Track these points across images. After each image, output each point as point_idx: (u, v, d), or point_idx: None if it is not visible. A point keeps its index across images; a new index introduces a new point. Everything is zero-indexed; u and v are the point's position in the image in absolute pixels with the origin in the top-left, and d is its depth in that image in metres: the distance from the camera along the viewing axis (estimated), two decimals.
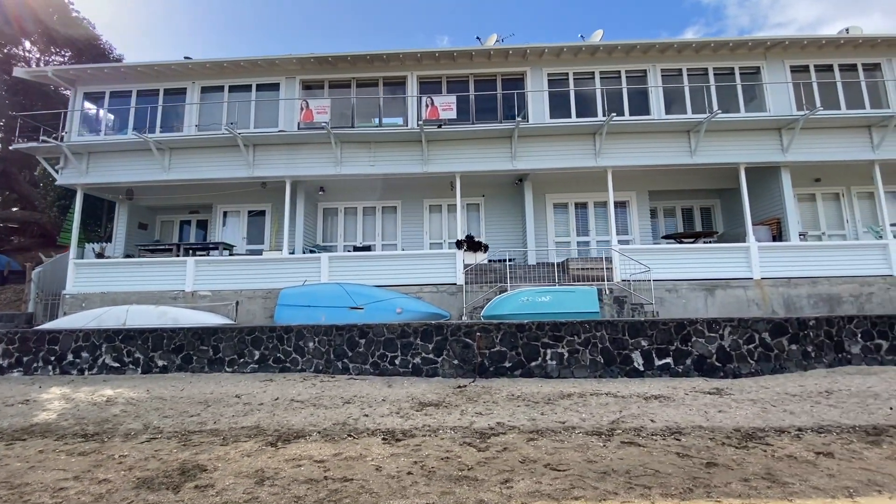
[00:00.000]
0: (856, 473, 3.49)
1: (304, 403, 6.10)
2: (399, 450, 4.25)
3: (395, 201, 13.01)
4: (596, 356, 7.53)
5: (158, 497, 3.38)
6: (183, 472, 3.85)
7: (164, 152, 11.09)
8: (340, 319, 9.61)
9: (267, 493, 3.40)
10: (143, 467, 3.99)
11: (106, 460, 4.17)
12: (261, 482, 3.60)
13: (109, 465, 4.06)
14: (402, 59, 11.44)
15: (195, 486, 3.57)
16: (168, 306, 10.47)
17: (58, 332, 8.83)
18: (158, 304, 10.78)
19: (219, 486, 3.56)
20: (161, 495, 3.42)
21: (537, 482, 3.46)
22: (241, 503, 3.25)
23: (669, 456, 3.94)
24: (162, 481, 3.67)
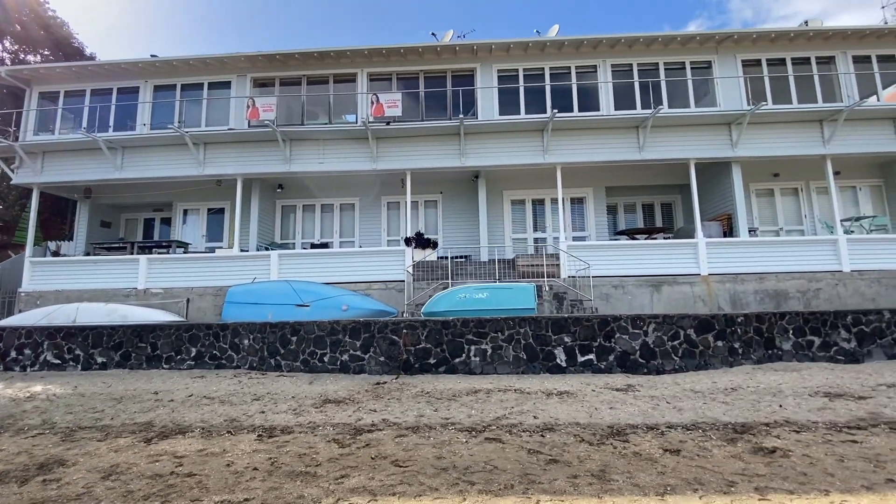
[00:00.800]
0: (687, 471, 3.52)
1: (213, 400, 6.19)
2: (265, 446, 4.32)
3: (353, 198, 13.06)
4: (519, 352, 7.57)
5: (1, 489, 3.48)
6: (42, 467, 3.94)
7: (115, 151, 11.20)
8: (287, 317, 9.67)
9: (104, 487, 3.48)
10: (9, 461, 4.09)
11: None
12: (107, 476, 3.68)
13: None
14: (352, 56, 11.45)
15: (43, 479, 3.66)
16: (119, 304, 10.62)
17: (1, 329, 8.98)
18: (111, 301, 10.95)
19: (65, 480, 3.65)
20: (5, 487, 3.52)
21: (370, 478, 3.51)
22: (73, 496, 3.34)
23: (520, 453, 3.98)
24: (15, 475, 3.77)
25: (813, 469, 3.47)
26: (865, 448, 3.89)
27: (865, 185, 12.49)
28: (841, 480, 3.25)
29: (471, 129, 10.74)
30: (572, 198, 12.97)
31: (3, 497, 3.35)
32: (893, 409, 4.99)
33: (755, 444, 4.03)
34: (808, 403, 5.32)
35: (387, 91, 11.14)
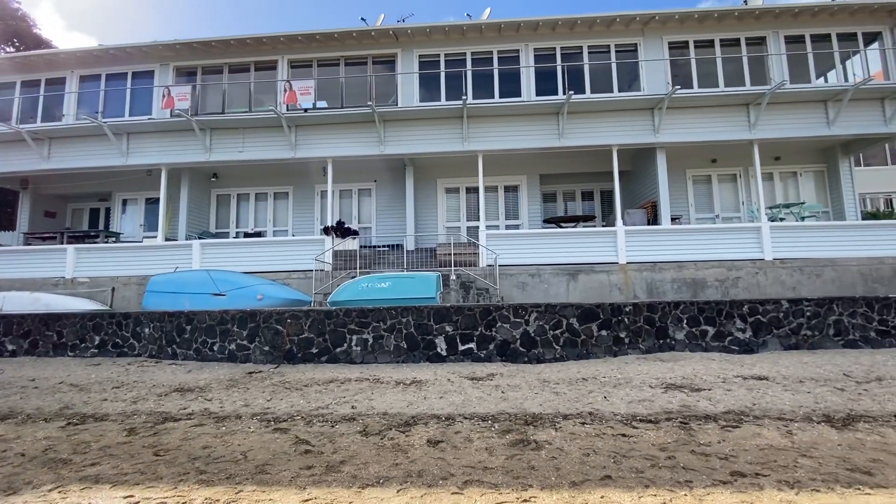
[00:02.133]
0: (432, 463, 3.53)
1: (74, 388, 6.32)
2: (59, 433, 4.42)
3: (287, 187, 13.05)
4: (400, 342, 7.59)
5: None
6: None
7: (42, 143, 11.29)
8: (203, 306, 9.78)
9: None
10: None
11: None
12: None
13: None
14: (271, 43, 11.31)
15: None
16: (44, 293, 10.83)
17: None
18: (40, 290, 11.16)
19: None
20: None
21: (114, 466, 3.58)
22: None
23: (288, 443, 4.02)
24: None
25: (549, 463, 3.46)
26: (627, 442, 3.86)
27: (807, 171, 12.16)
28: (560, 475, 3.24)
29: (389, 115, 10.62)
30: (506, 185, 12.82)
31: None
32: (711, 402, 4.93)
33: (523, 437, 4.01)
34: (636, 394, 5.28)
35: (307, 78, 11.02)
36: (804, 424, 4.18)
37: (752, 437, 3.90)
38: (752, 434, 3.93)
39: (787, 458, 3.44)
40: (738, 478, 3.11)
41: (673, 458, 3.47)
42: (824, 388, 5.35)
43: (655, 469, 3.29)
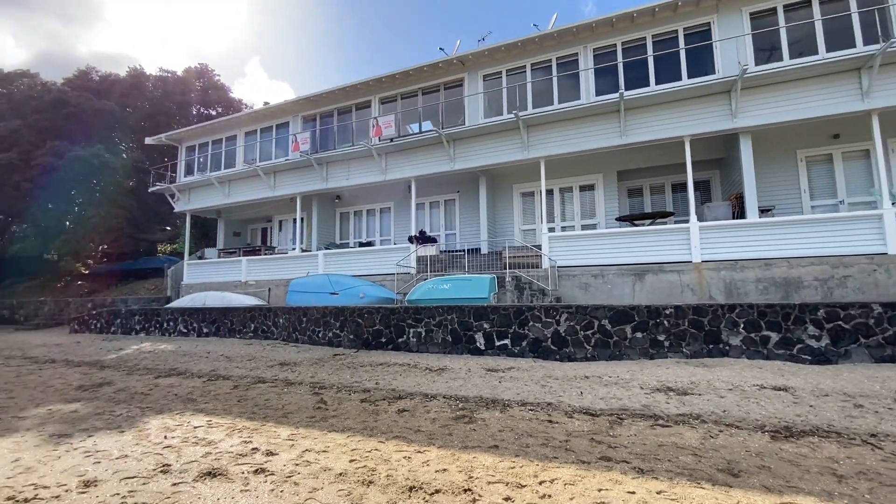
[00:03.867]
0: (383, 423, 4.83)
1: (227, 358, 9.29)
2: (204, 385, 6.98)
3: (389, 202, 15.43)
4: (446, 336, 8.87)
5: (86, 392, 6.86)
6: (102, 385, 7.34)
7: (224, 184, 15.82)
8: (324, 302, 12.67)
9: (133, 392, 6.55)
10: (102, 380, 7.64)
11: (96, 371, 8.02)
12: (141, 391, 6.79)
13: (95, 374, 7.85)
14: (365, 86, 13.66)
15: (115, 391, 6.97)
16: (228, 292, 15.20)
17: (161, 310, 14.13)
18: (227, 290, 15.67)
19: (121, 386, 6.88)
20: (88, 395, 6.90)
21: (214, 405, 5.78)
22: (134, 392, 6.47)
23: (313, 401, 5.74)
24: (87, 385, 7.20)
25: (468, 431, 4.42)
26: (546, 426, 4.51)
27: None
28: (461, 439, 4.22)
29: (456, 135, 11.91)
30: (581, 185, 12.87)
31: (89, 389, 6.68)
32: (680, 405, 5.01)
33: (468, 414, 4.96)
34: (615, 392, 5.59)
35: (392, 112, 13.06)
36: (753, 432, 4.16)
37: (669, 435, 4.14)
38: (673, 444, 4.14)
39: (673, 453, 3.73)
40: (603, 461, 3.63)
41: (567, 442, 4.07)
42: (844, 402, 4.82)
43: (542, 447, 3.98)
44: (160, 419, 5.18)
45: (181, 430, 4.75)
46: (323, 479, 3.44)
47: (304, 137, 13.75)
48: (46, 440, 4.55)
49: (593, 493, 3.08)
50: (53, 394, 6.69)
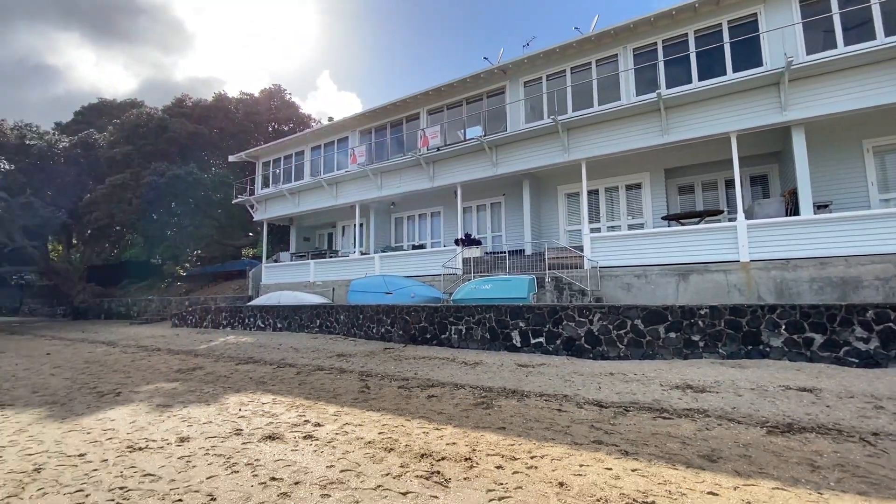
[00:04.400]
0: (412, 405, 5.58)
1: (295, 349, 10.62)
2: (274, 371, 8.21)
3: (439, 207, 16.27)
4: (484, 333, 9.45)
5: (183, 374, 8.40)
6: (195, 370, 8.85)
7: (294, 195, 17.61)
8: (380, 301, 13.81)
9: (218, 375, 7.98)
10: (195, 365, 9.21)
11: (190, 358, 9.65)
12: (223, 375, 8.22)
13: (190, 361, 9.47)
14: (414, 100, 14.58)
15: (204, 374, 8.47)
16: (299, 291, 16.91)
17: (243, 307, 16.12)
18: (298, 290, 17.42)
19: (209, 370, 8.36)
20: (184, 377, 8.44)
21: (279, 388, 6.90)
22: (220, 375, 7.92)
23: (358, 385, 6.63)
24: (184, 369, 8.74)
25: (484, 415, 5.04)
26: (555, 414, 4.98)
27: None
28: (476, 421, 4.85)
29: (498, 141, 12.42)
30: (627, 184, 12.78)
31: (185, 372, 8.20)
32: (691, 400, 5.22)
33: (487, 402, 5.55)
34: (634, 388, 5.87)
35: (438, 122, 13.85)
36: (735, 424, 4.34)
37: (667, 426, 4.45)
38: (666, 433, 4.45)
39: (662, 440, 4.07)
40: (595, 444, 4.08)
41: (568, 427, 4.54)
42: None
43: (544, 430, 4.49)
44: (237, 396, 6.36)
45: (252, 405, 5.85)
46: (354, 445, 4.25)
47: (361, 150, 15.01)
48: (154, 409, 5.85)
49: (574, 468, 3.57)
50: (159, 375, 8.27)
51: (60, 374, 8.77)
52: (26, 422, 5.49)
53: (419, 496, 3.18)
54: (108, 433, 4.88)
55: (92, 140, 23.57)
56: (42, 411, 5.98)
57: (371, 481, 3.45)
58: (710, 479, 3.31)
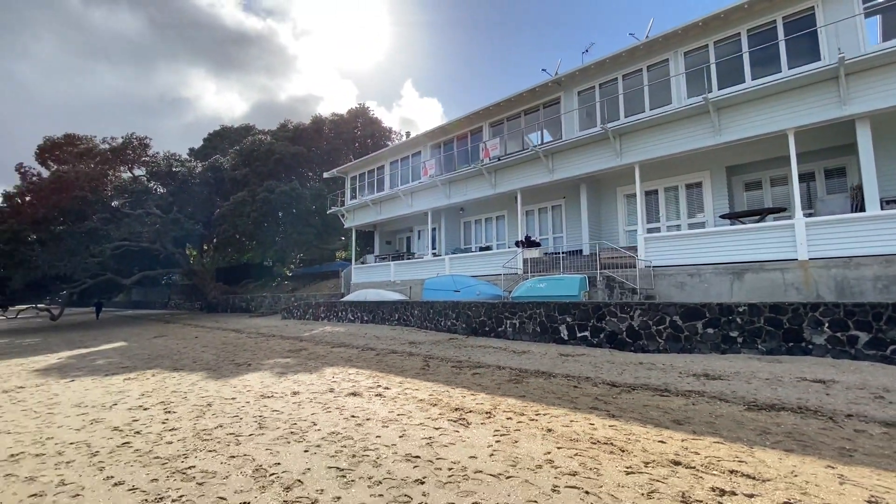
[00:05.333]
0: (465, 380, 7.00)
1: (377, 338, 12.61)
2: (359, 353, 10.17)
3: (503, 211, 17.44)
4: (535, 327, 10.52)
5: (292, 353, 10.75)
6: (301, 350, 11.18)
7: (377, 205, 19.97)
8: (449, 298, 15.48)
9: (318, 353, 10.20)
10: (294, 345, 11.59)
11: (297, 342, 12.09)
12: (324, 355, 10.44)
13: (297, 344, 11.89)
14: (476, 116, 15.89)
15: (308, 353, 10.78)
16: (382, 289, 19.21)
17: (337, 303, 18.80)
18: (381, 288, 19.75)
19: (311, 351, 10.63)
20: (293, 355, 10.79)
21: (362, 363, 8.75)
22: (316, 355, 10.18)
23: (421, 363, 8.21)
24: (293, 350, 11.09)
25: (515, 387, 6.30)
26: (572, 389, 6.06)
27: None
28: (512, 392, 6.13)
29: (553, 149, 13.29)
30: (687, 184, 12.86)
31: (294, 352, 10.54)
32: (688, 385, 5.93)
33: (519, 379, 6.76)
34: (650, 374, 6.66)
35: (499, 134, 15.02)
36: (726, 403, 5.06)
37: (660, 401, 5.33)
38: (655, 405, 5.31)
39: (647, 410, 5.00)
40: (590, 409, 5.15)
41: (576, 399, 5.63)
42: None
43: (556, 398, 5.63)
44: (331, 369, 8.31)
45: (341, 374, 7.71)
46: (410, 400, 5.80)
47: (431, 163, 16.77)
48: (274, 375, 7.98)
49: (565, 422, 4.73)
50: (275, 353, 10.67)
51: (208, 351, 11.66)
52: (195, 379, 7.93)
53: (446, 430, 4.60)
54: (247, 387, 7.02)
55: (218, 164, 28.55)
56: (203, 374, 8.46)
57: (416, 420, 4.95)
58: (667, 434, 4.27)
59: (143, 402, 6.46)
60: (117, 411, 5.99)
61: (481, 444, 4.18)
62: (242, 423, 5.12)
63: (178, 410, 5.83)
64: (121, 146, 26.41)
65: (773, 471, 3.38)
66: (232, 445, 4.40)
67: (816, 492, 3.04)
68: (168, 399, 6.53)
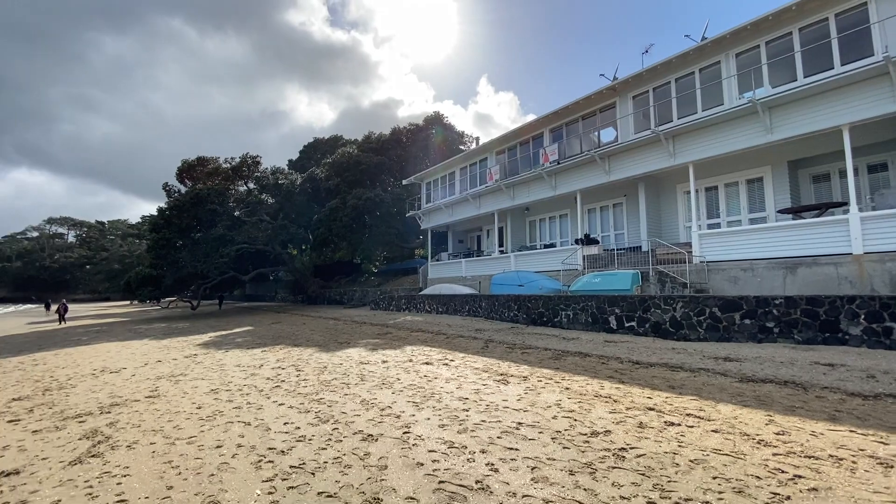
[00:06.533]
0: (529, 358, 8.65)
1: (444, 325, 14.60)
2: (431, 336, 12.21)
3: (566, 210, 18.46)
4: (587, 318, 11.70)
5: (380, 336, 13.15)
6: (387, 334, 13.52)
7: (449, 207, 22.01)
8: (514, 292, 17.05)
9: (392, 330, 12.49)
10: (381, 329, 13.97)
11: (384, 327, 14.52)
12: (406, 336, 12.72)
13: (384, 329, 14.32)
14: (538, 123, 17.06)
15: (392, 336, 13.12)
16: (454, 284, 21.23)
17: (415, 295, 21.20)
18: (454, 283, 21.79)
19: (394, 335, 12.94)
20: (381, 337, 13.18)
21: (428, 342, 10.74)
22: (400, 336, 12.50)
23: (481, 344, 9.95)
24: (380, 333, 13.47)
25: (558, 362, 7.81)
26: (599, 364, 7.41)
27: None
28: (553, 367, 7.68)
29: (609, 152, 14.15)
30: (748, 179, 13.01)
31: (381, 335, 12.93)
32: (702, 364, 6.94)
33: (560, 356, 8.21)
34: (672, 355, 7.71)
35: (559, 139, 16.11)
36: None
37: (666, 374, 6.51)
38: (661, 377, 6.49)
39: (651, 379, 6.25)
40: (605, 377, 6.53)
41: (598, 371, 6.99)
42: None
43: (582, 371, 7.05)
44: (410, 347, 10.40)
45: (418, 350, 9.75)
46: (468, 368, 7.60)
47: (496, 169, 18.34)
48: (367, 350, 10.25)
49: (581, 384, 6.19)
50: (367, 335, 13.11)
51: (315, 333, 14.50)
52: (311, 352, 10.49)
53: (490, 386, 6.32)
54: (349, 358, 9.33)
55: (314, 175, 32.77)
56: (315, 348, 11.04)
57: (469, 380, 6.74)
58: (656, 393, 5.57)
59: (279, 364, 9.04)
60: (264, 369, 8.57)
61: (513, 394, 5.84)
62: (349, 377, 7.30)
63: (305, 370, 8.24)
64: (238, 164, 31.54)
65: (721, 416, 4.62)
66: (344, 389, 6.55)
67: (742, 427, 4.28)
68: (296, 363, 9.04)
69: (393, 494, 3.24)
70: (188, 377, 8.16)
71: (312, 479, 3.54)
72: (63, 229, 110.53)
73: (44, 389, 7.68)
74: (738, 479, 3.24)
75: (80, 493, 3.53)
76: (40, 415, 6.01)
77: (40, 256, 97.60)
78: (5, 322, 31.67)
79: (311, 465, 3.83)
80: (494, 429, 4.51)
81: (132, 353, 12.05)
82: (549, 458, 3.74)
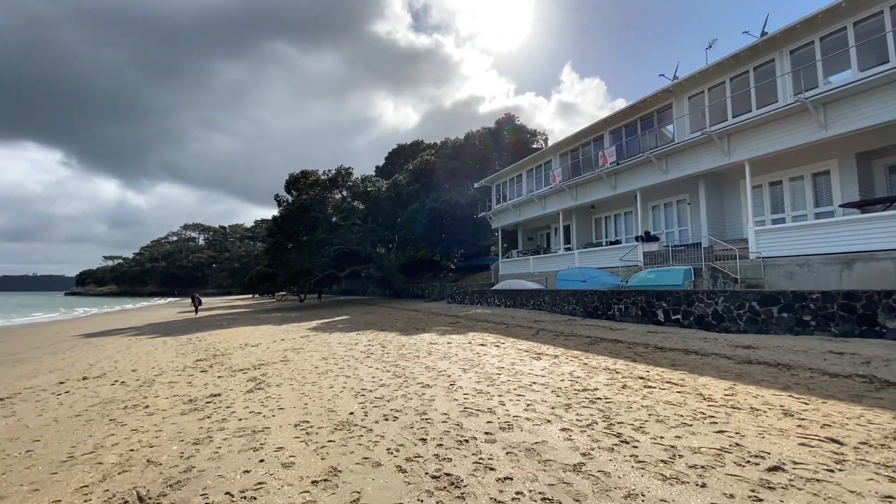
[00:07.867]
0: (569, 345, 10.20)
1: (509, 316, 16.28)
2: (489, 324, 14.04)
3: (629, 207, 18.97)
4: (637, 311, 12.64)
5: (451, 324, 15.32)
6: (456, 323, 15.62)
7: (517, 208, 23.48)
8: (577, 287, 18.20)
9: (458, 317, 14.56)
10: (457, 321, 16.09)
11: (455, 318, 16.67)
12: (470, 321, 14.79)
13: (455, 319, 16.48)
14: (596, 126, 17.79)
15: (461, 325, 15.24)
16: (523, 280, 22.70)
17: (486, 290, 23.07)
18: (523, 279, 23.26)
19: (463, 324, 15.05)
20: (451, 325, 15.34)
21: (487, 331, 12.57)
22: (470, 326, 14.61)
23: (533, 331, 11.56)
24: (451, 322, 15.61)
25: (597, 346, 9.26)
26: (640, 350, 8.70)
27: None
28: (595, 350, 9.17)
29: (665, 152, 14.68)
30: (814, 173, 12.81)
31: (452, 323, 15.10)
32: (719, 350, 7.88)
33: (598, 341, 9.57)
34: (699, 344, 8.67)
35: (618, 140, 16.79)
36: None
37: (678, 357, 7.65)
38: (672, 358, 7.62)
39: (660, 359, 7.48)
40: (620, 356, 7.87)
41: (620, 352, 8.31)
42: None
43: (608, 353, 8.42)
44: (472, 333, 12.36)
45: (478, 336, 11.67)
46: (514, 350, 9.35)
47: (558, 171, 19.46)
48: (437, 335, 12.40)
49: (599, 361, 7.65)
50: (439, 324, 15.32)
51: (399, 322, 17.12)
52: (394, 335, 12.94)
53: (525, 360, 8.04)
54: (422, 339, 11.56)
55: (397, 182, 36.13)
56: (397, 333, 13.49)
57: (511, 357, 8.52)
58: (653, 369, 6.87)
59: (370, 343, 11.56)
60: (359, 346, 11.11)
61: (539, 366, 7.51)
62: (419, 352, 9.47)
63: (388, 347, 10.60)
64: (334, 175, 35.98)
65: (695, 384, 5.89)
66: (415, 359, 8.71)
67: (703, 391, 5.56)
68: (382, 342, 11.48)
69: (435, 412, 5.22)
70: (305, 350, 10.99)
71: (388, 403, 5.67)
72: (195, 234, 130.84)
73: (213, 355, 10.99)
74: (666, 415, 4.69)
75: (257, 405, 6.04)
76: (218, 369, 9.03)
77: (179, 257, 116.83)
78: (164, 311, 39.94)
79: (387, 396, 5.98)
80: (514, 384, 6.29)
81: (262, 334, 15.60)
82: (543, 401, 5.45)
